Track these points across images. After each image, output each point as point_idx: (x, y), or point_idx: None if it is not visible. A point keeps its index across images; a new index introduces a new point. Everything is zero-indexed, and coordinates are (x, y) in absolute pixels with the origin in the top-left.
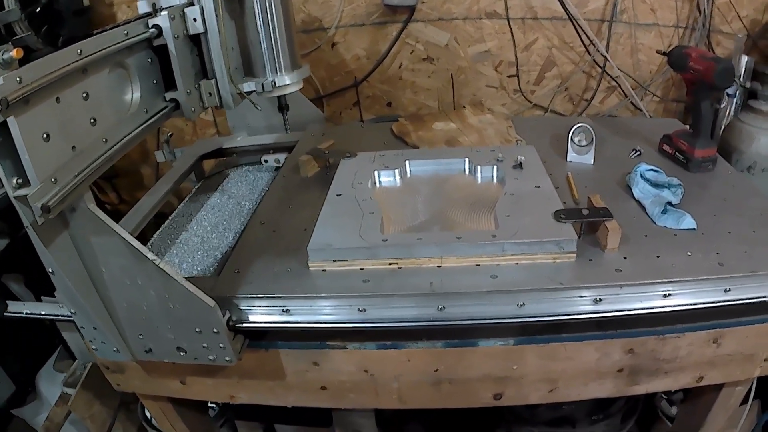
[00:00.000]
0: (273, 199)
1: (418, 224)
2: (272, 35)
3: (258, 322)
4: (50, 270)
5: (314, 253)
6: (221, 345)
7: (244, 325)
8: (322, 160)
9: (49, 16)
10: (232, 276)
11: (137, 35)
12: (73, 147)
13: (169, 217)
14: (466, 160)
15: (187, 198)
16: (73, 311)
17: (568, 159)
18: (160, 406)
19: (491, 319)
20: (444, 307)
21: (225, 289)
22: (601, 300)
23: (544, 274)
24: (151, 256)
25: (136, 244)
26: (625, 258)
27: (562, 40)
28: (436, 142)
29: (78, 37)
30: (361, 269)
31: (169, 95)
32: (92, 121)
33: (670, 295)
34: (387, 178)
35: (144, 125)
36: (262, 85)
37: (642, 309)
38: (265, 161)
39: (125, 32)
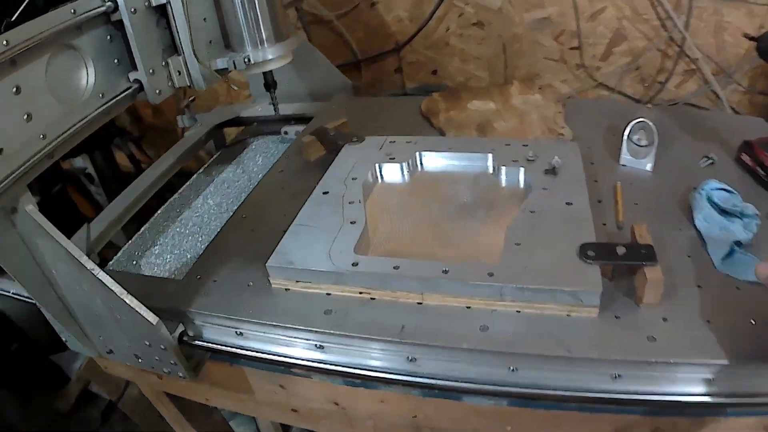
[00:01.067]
0: (266, 186)
1: (409, 240)
2: (248, 2)
3: (212, 342)
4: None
5: (274, 271)
6: (172, 361)
7: (197, 342)
8: (329, 142)
9: None
10: (193, 283)
11: (88, 11)
12: (0, 150)
13: (178, 191)
14: (490, 156)
15: (201, 169)
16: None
17: (621, 161)
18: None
19: (473, 382)
20: (415, 359)
21: (181, 299)
22: (620, 377)
23: (550, 331)
24: (89, 265)
25: (75, 251)
26: (664, 320)
27: (635, 11)
28: (466, 127)
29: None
30: (327, 294)
31: (132, 75)
32: (26, 116)
33: (714, 380)
34: (391, 173)
35: (98, 112)
36: (233, 62)
37: (675, 395)
38: (285, 133)
39: (72, 10)
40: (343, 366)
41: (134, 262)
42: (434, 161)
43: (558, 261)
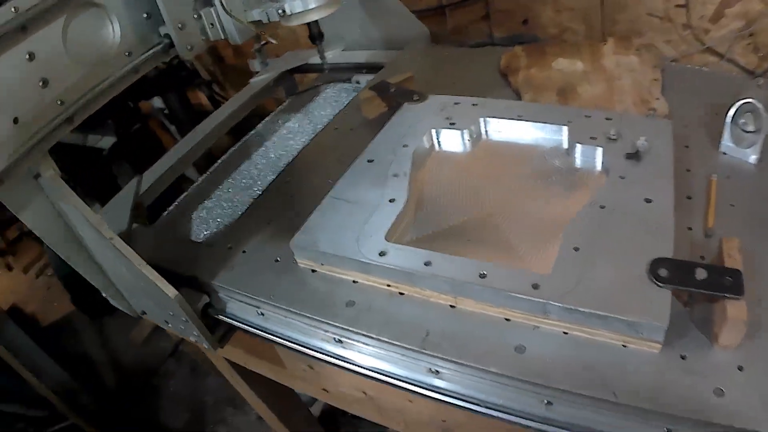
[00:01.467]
0: (317, 145)
1: (454, 224)
2: None
3: (234, 318)
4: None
5: (299, 251)
6: (194, 332)
7: (220, 317)
8: (390, 99)
9: None
10: (223, 252)
11: None
12: (15, 120)
13: (242, 140)
14: (565, 130)
15: (268, 117)
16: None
17: (722, 148)
18: None
19: (500, 410)
20: (438, 372)
21: (209, 269)
22: None
23: (599, 364)
24: (108, 234)
25: (94, 219)
26: (740, 369)
27: None
28: (545, 90)
29: None
30: (354, 282)
31: (163, 30)
32: (42, 83)
33: None
34: (449, 140)
35: (124, 71)
36: (267, 13)
37: None
38: (357, 82)
39: None
40: (361, 367)
41: (185, 215)
42: (500, 130)
43: (621, 278)
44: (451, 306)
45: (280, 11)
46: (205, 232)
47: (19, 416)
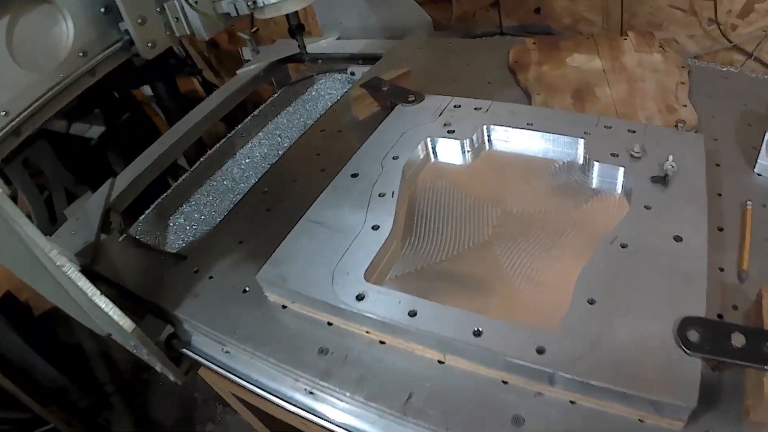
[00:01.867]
0: (299, 150)
1: (447, 258)
2: None
3: (199, 353)
4: None
5: (267, 286)
6: (158, 364)
7: (184, 351)
8: (383, 98)
9: None
10: (189, 277)
11: None
12: None
13: (227, 136)
14: (581, 143)
15: (256, 111)
16: None
17: (757, 169)
18: None
19: None
20: None
21: (172, 296)
22: None
23: None
24: (59, 261)
25: (43, 244)
26: None
27: None
28: (560, 91)
29: None
30: (329, 324)
31: (123, 26)
32: None
33: None
34: (447, 151)
35: (78, 73)
36: (235, 6)
37: None
38: (352, 74)
39: None
40: (334, 423)
41: (161, 221)
42: (506, 139)
43: (643, 341)
44: (439, 362)
45: (250, 3)
46: (181, 242)
47: (3, 420)
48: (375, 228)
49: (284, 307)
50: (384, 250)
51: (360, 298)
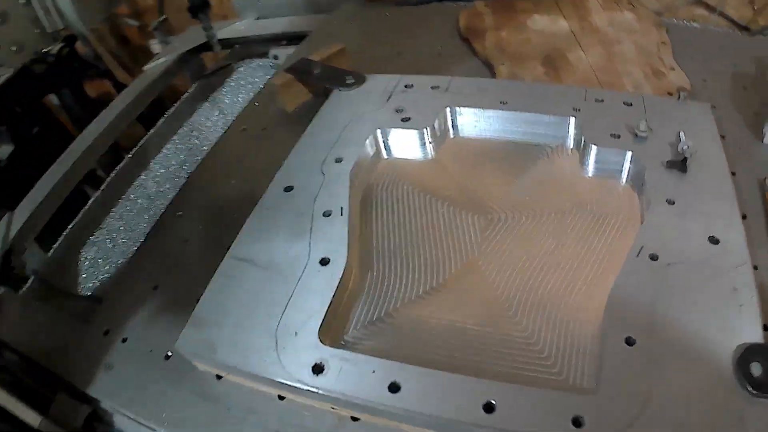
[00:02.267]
0: (221, 154)
1: (424, 294)
2: None
3: None
4: None
5: (192, 356)
6: None
7: None
8: (314, 83)
9: None
10: (98, 340)
11: None
12: None
13: (138, 145)
14: (572, 122)
15: (172, 109)
16: None
17: (767, 139)
18: None
19: None
20: None
21: (82, 368)
22: None
23: None
24: None
25: None
26: None
27: None
28: (528, 59)
29: None
30: (280, 398)
31: None
32: None
33: None
34: (403, 144)
35: None
36: None
37: None
38: (275, 57)
39: None
40: None
41: (71, 256)
42: (475, 122)
43: (701, 386)
44: None
45: None
46: (94, 281)
47: None
48: (324, 263)
49: (219, 377)
50: (340, 294)
51: (318, 370)
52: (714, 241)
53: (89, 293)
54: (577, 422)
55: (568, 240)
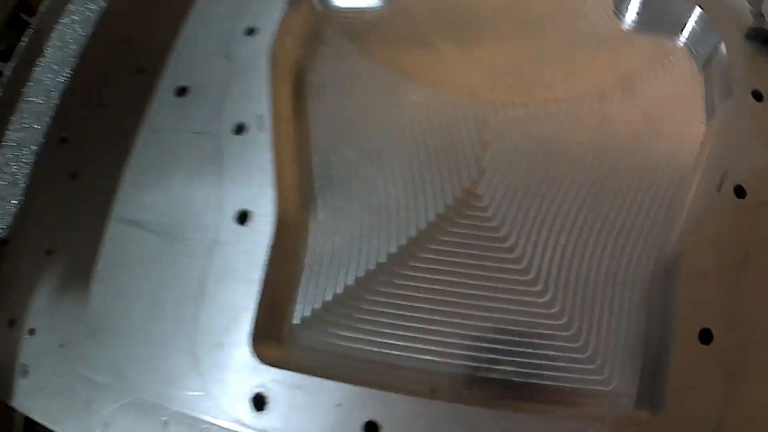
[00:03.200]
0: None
1: (402, 251)
2: None
3: None
4: None
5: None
6: None
7: None
8: None
9: None
10: (5, 335)
11: None
12: None
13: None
14: None
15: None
16: None
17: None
18: None
19: None
20: None
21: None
22: None
23: None
24: None
25: None
26: None
27: None
28: None
29: None
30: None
31: None
32: None
33: None
34: None
35: None
36: None
37: None
38: None
39: None
40: None
41: None
42: None
43: None
44: None
45: None
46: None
47: None
48: (241, 219)
49: None
50: (276, 267)
51: (259, 403)
52: None
53: None
54: None
55: (610, 138)
